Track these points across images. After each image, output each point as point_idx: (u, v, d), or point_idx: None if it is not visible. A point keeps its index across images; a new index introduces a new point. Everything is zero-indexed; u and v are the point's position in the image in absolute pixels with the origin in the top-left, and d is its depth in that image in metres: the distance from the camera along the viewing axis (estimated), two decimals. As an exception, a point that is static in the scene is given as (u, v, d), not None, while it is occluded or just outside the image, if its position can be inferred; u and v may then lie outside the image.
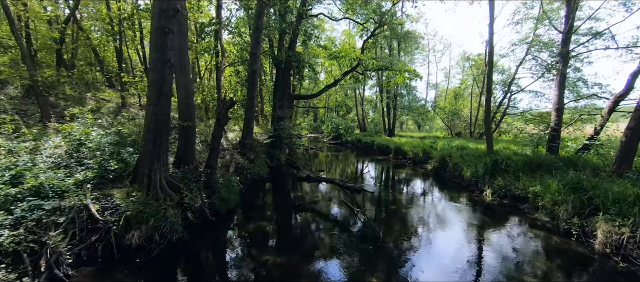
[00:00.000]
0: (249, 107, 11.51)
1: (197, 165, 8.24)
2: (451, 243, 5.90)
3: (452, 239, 6.07)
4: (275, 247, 5.80)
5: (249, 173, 10.72)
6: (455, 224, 6.92)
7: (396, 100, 25.85)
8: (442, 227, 6.76)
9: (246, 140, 11.67)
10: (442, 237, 6.21)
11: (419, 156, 15.19)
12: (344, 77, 19.18)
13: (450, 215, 7.55)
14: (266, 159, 13.42)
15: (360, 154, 20.98)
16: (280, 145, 15.44)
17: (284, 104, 15.64)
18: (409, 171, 13.87)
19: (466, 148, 14.45)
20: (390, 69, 18.61)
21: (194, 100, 8.31)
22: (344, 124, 29.14)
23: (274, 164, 14.36)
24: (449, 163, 11.92)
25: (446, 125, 25.70)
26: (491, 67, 11.61)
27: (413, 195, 9.69)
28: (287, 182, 11.87)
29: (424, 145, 16.18)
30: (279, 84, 15.68)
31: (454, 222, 7.05)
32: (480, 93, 21.24)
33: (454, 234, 6.35)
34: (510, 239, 6.07)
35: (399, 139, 21.81)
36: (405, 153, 16.85)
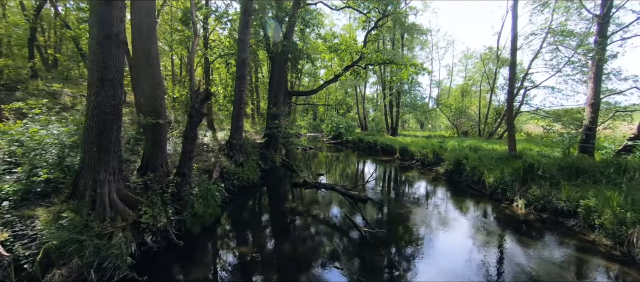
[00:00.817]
0: (238, 102, 9.94)
1: (168, 171, 6.67)
2: (494, 278, 4.35)
3: (493, 272, 4.52)
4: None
5: (236, 179, 9.17)
6: (491, 249, 5.37)
7: (399, 97, 24.26)
8: (475, 254, 5.20)
9: (234, 140, 10.11)
10: (479, 269, 4.65)
11: (428, 158, 13.63)
12: (345, 72, 17.59)
13: (481, 236, 6.00)
14: (259, 161, 11.87)
15: (362, 155, 19.42)
16: (275, 145, 13.89)
17: (280, 100, 14.07)
18: (418, 175, 12.30)
19: (480, 149, 12.93)
20: (395, 63, 17.05)
21: (163, 92, 6.71)
22: (344, 123, 27.58)
23: (268, 166, 12.81)
24: (466, 166, 10.35)
25: (452, 124, 24.15)
26: (515, 55, 10.04)
27: (430, 206, 8.12)
28: (281, 189, 10.31)
29: (432, 145, 14.62)
30: (274, 78, 14.10)
31: (489, 246, 5.49)
32: (491, 89, 19.66)
33: (495, 262, 4.80)
34: (575, 274, 4.52)
35: (403, 139, 20.26)
36: (412, 154, 15.30)
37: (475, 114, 23.77)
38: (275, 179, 11.56)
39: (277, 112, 13.72)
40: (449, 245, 5.62)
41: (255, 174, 10.40)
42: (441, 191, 9.79)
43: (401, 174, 12.68)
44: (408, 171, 13.32)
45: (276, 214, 7.46)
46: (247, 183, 9.61)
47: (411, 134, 25.87)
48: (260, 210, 7.85)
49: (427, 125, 36.96)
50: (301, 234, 6.17)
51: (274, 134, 13.59)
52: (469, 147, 13.59)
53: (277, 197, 9.23)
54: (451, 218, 7.05)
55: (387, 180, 11.92)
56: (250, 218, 7.17)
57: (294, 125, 31.15)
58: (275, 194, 9.65)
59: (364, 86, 34.85)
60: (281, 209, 7.83)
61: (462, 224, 6.71)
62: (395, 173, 12.95)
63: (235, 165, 9.70)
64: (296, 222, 6.67)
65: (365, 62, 17.19)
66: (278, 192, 9.87)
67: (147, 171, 6.47)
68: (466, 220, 7.02)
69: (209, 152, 10.13)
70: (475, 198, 8.67)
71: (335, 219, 7.06)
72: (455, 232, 6.26)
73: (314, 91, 17.63)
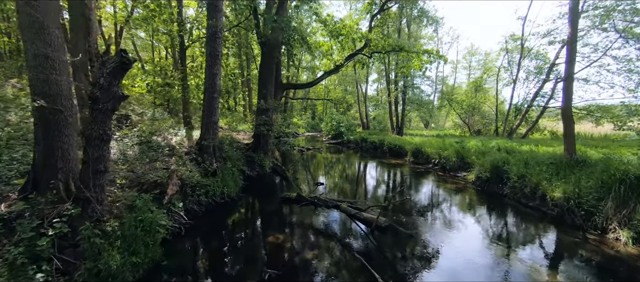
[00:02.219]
0: (209, 89, 7.30)
1: (71, 192, 4.01)
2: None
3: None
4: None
5: (205, 194, 6.54)
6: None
7: (405, 93, 21.68)
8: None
9: (206, 140, 7.48)
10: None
11: (451, 161, 11.04)
12: (347, 62, 15.01)
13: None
14: (243, 167, 9.25)
15: (365, 156, 16.82)
16: (265, 146, 11.25)
17: (270, 91, 11.44)
18: (440, 183, 9.71)
19: (513, 150, 10.38)
20: (406, 50, 14.45)
21: (63, 71, 4.00)
22: (345, 122, 24.96)
23: (255, 172, 10.18)
24: (509, 174, 7.77)
25: (463, 122, 21.62)
26: (576, 22, 7.48)
27: (486, 237, 5.50)
28: (267, 205, 7.66)
29: (453, 146, 12.04)
30: (264, 66, 11.48)
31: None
32: (513, 80, 17.06)
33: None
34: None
35: (412, 138, 17.68)
36: (428, 156, 12.71)
37: (490, 110, 21.24)
38: (262, 190, 8.93)
39: (267, 106, 11.09)
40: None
41: (234, 185, 7.76)
42: (484, 208, 7.18)
43: (419, 182, 10.08)
44: (425, 177, 10.73)
45: (248, 258, 4.79)
46: (221, 198, 6.99)
47: (418, 133, 23.31)
48: (223, 252, 5.13)
49: (430, 124, 34.44)
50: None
51: (263, 133, 10.97)
52: (499, 148, 11.03)
53: (258, 222, 6.57)
54: (530, 265, 4.43)
55: (404, 191, 9.31)
56: (202, 269, 4.49)
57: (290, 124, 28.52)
58: (257, 216, 7.00)
59: (366, 82, 32.33)
60: (258, 247, 5.17)
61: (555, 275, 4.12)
62: (411, 181, 10.35)
63: (205, 174, 7.06)
64: (276, 275, 4.02)
65: (370, 50, 14.60)
66: (262, 212, 7.22)
67: (35, 190, 3.85)
68: (554, 264, 4.41)
69: (172, 156, 7.48)
70: (541, 222, 6.08)
71: (343, 270, 4.43)
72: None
73: (311, 83, 15.03)
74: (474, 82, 20.49)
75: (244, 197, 7.69)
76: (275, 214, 6.75)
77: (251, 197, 7.95)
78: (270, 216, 6.73)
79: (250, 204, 7.47)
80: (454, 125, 24.35)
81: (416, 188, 9.29)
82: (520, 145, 11.68)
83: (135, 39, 20.41)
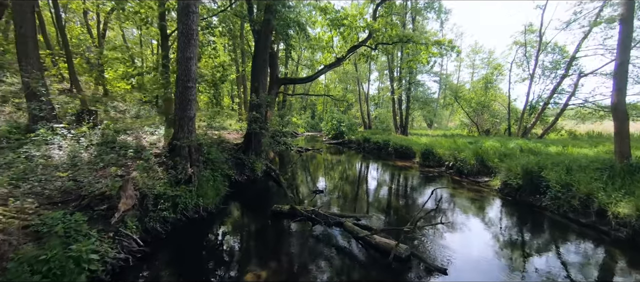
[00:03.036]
0: (182, 78, 5.85)
1: None
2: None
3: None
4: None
5: (171, 208, 5.09)
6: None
7: (410, 89, 20.21)
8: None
9: (179, 140, 6.03)
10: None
11: (468, 165, 9.58)
12: (349, 54, 13.55)
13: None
14: (229, 172, 7.83)
15: (368, 158, 15.37)
16: (258, 147, 9.80)
17: (263, 84, 10.00)
18: (459, 190, 8.26)
19: (539, 152, 8.98)
20: (414, 41, 13.02)
21: None
22: (346, 121, 23.52)
23: (244, 177, 8.75)
24: (550, 182, 6.31)
25: (472, 121, 20.15)
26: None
27: (543, 272, 4.05)
28: (252, 221, 6.17)
29: (470, 147, 10.60)
30: (257, 55, 10.05)
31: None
32: (531, 75, 15.55)
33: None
34: None
35: (419, 139, 16.22)
36: (440, 159, 11.25)
37: (501, 109, 19.79)
38: (250, 199, 7.47)
39: (259, 101, 9.64)
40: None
41: (215, 195, 6.32)
42: (526, 227, 5.72)
43: (431, 187, 8.61)
44: (439, 182, 9.27)
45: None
46: (195, 212, 5.54)
47: (422, 133, 21.84)
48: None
49: (434, 123, 32.97)
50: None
51: (255, 131, 9.52)
52: (521, 149, 9.60)
53: (237, 247, 5.08)
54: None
55: (419, 200, 7.83)
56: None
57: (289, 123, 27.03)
58: (237, 237, 5.49)
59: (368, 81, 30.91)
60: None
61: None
62: (425, 187, 8.88)
63: (176, 182, 5.61)
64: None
65: (374, 41, 13.17)
66: (245, 231, 5.73)
67: None
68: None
69: (137, 160, 6.02)
70: (610, 248, 4.62)
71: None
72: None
73: (310, 78, 13.56)
74: (484, 79, 19.03)
75: (225, 209, 6.24)
76: (260, 235, 5.29)
77: (235, 209, 6.49)
78: (254, 237, 5.27)
79: (231, 219, 6.00)
80: (460, 124, 22.90)
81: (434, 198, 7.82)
82: (545, 146, 10.23)
83: (125, 33, 19.00)
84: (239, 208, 6.58)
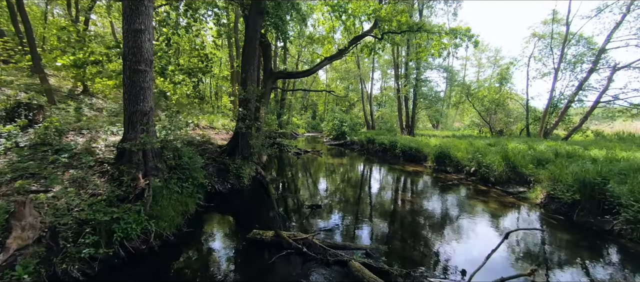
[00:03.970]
0: (128, 56, 4.30)
1: None
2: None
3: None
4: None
5: (93, 245, 3.51)
6: None
7: (417, 87, 18.55)
8: None
9: (130, 141, 4.47)
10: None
11: (496, 171, 7.94)
12: (353, 45, 12.00)
13: None
14: (206, 181, 6.29)
15: (373, 160, 13.77)
16: (245, 149, 8.23)
17: (252, 75, 8.44)
18: (491, 203, 6.63)
19: (579, 156, 7.35)
20: (426, 31, 11.45)
21: None
22: (348, 121, 21.93)
23: (227, 186, 7.19)
24: (622, 200, 4.68)
25: (484, 121, 18.45)
26: None
27: None
28: (222, 256, 4.48)
29: (492, 150, 8.98)
30: (246, 43, 8.49)
31: None
32: (555, 69, 13.83)
33: None
34: None
35: (427, 140, 14.59)
36: (458, 163, 9.62)
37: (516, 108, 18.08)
38: (230, 215, 5.88)
39: (247, 96, 8.08)
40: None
41: (177, 214, 4.75)
42: (617, 268, 4.08)
43: (456, 201, 6.98)
44: (457, 190, 7.65)
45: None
46: (143, 243, 3.97)
47: (430, 134, 20.16)
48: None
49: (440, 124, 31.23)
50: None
51: (242, 131, 7.97)
52: (557, 152, 7.95)
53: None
54: None
55: (440, 219, 6.19)
56: None
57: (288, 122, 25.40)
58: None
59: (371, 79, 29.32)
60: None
61: None
62: (448, 198, 7.25)
63: (121, 198, 4.05)
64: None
65: (381, 30, 11.59)
66: (207, 275, 4.08)
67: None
68: None
69: (72, 170, 4.46)
70: None
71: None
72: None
73: (309, 71, 11.99)
74: (499, 74, 17.30)
75: (190, 235, 4.65)
76: (229, 272, 3.70)
77: (204, 233, 4.90)
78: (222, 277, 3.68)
79: (192, 251, 4.38)
80: (470, 124, 21.19)
81: (458, 214, 6.18)
82: (582, 149, 8.56)
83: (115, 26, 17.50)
84: (209, 232, 4.99)
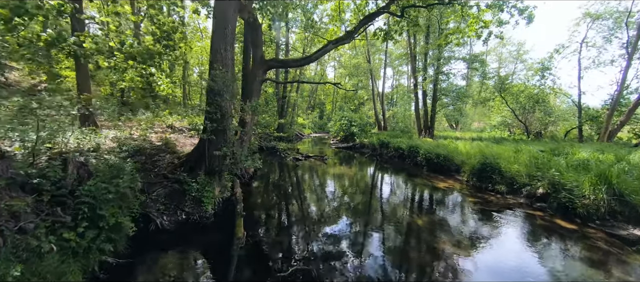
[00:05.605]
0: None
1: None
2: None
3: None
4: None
5: None
6: None
7: (439, 80, 15.61)
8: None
9: None
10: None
11: (584, 198, 5.09)
12: (366, 24, 9.36)
13: None
14: (125, 220, 3.82)
15: (388, 169, 11.09)
16: (214, 163, 5.71)
17: (225, 58, 5.87)
18: (589, 254, 3.87)
19: None
20: (462, 3, 8.66)
21: None
22: (358, 120, 19.23)
23: (177, 219, 4.71)
24: None
25: (519, 121, 15.34)
26: None
27: None
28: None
29: (562, 162, 6.13)
30: (219, 9, 5.94)
31: None
32: (629, 54, 10.64)
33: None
34: None
35: (453, 144, 11.74)
36: (512, 179, 6.78)
37: (556, 105, 14.89)
38: None
39: (217, 86, 5.56)
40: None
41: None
42: None
43: (543, 251, 4.25)
44: (529, 227, 4.92)
45: None
46: None
47: (452, 136, 17.16)
48: None
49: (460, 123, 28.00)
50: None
51: (209, 137, 5.50)
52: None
53: None
54: None
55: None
56: None
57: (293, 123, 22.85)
58: None
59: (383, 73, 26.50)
60: None
61: None
62: (522, 246, 4.53)
63: None
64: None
65: (400, 5, 8.89)
66: None
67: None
68: None
69: None
70: None
71: None
72: None
73: (310, 58, 9.34)
74: (540, 64, 14.12)
75: None
76: None
77: None
78: None
79: None
80: (500, 124, 18.06)
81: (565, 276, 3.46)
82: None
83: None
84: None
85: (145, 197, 4.80)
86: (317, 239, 4.57)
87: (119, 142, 5.91)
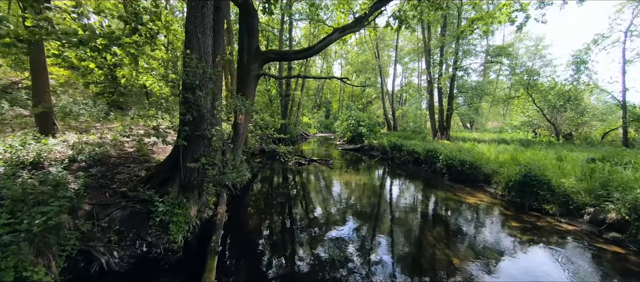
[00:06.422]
0: None
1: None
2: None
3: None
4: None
5: None
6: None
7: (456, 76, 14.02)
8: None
9: None
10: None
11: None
12: (379, 8, 7.97)
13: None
14: (72, 252, 2.58)
15: (401, 176, 9.71)
16: (190, 175, 4.48)
17: (203, 44, 4.61)
18: None
19: None
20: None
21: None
22: (366, 120, 17.83)
23: (132, 254, 3.48)
24: None
25: (547, 120, 13.63)
26: None
27: None
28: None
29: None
30: None
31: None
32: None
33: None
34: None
35: (478, 148, 10.25)
36: (566, 197, 5.31)
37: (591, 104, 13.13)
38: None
39: (190, 80, 4.32)
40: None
41: None
42: None
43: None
44: (596, 263, 3.51)
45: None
46: None
47: (469, 137, 15.56)
48: None
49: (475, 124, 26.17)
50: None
51: (183, 144, 4.28)
52: None
53: None
54: None
55: None
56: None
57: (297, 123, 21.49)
58: None
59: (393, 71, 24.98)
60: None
61: None
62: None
63: None
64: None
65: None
66: None
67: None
68: None
69: None
70: None
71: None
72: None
73: (311, 50, 8.02)
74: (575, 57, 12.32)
75: None
76: None
77: None
78: None
79: None
80: (523, 124, 16.30)
81: None
82: None
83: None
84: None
85: (92, 226, 3.62)
86: (317, 274, 3.28)
87: (75, 150, 4.76)
